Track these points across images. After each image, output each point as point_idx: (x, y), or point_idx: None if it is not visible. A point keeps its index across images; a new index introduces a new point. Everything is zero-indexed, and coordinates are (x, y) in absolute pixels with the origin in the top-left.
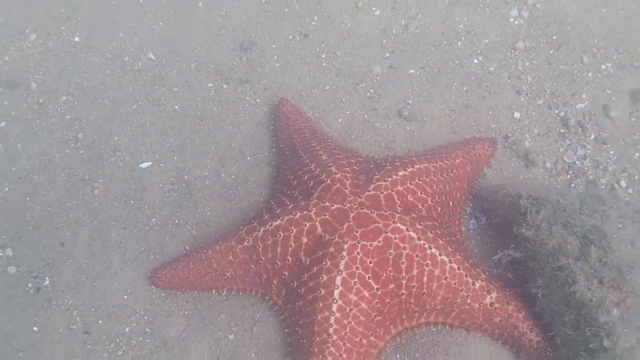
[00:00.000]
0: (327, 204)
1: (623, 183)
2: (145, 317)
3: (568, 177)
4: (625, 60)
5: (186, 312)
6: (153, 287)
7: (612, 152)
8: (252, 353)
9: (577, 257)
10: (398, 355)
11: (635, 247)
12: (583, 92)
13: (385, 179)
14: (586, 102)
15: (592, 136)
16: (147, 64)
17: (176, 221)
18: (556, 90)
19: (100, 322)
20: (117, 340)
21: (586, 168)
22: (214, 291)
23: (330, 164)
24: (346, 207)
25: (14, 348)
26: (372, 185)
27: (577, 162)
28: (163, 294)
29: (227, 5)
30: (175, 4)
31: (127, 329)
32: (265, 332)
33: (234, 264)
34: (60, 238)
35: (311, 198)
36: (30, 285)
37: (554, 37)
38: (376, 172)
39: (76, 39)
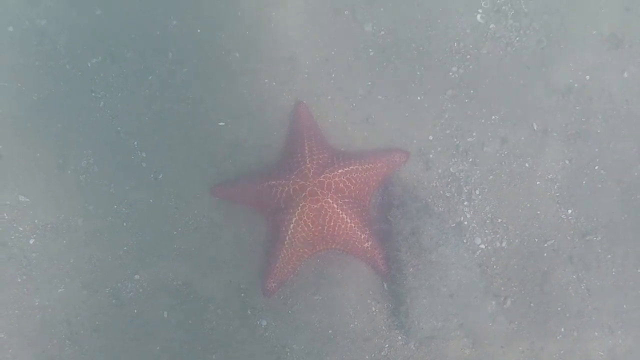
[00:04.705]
0: (298, 180)
1: (477, 192)
2: (206, 209)
3: (448, 180)
4: (507, 115)
5: (225, 211)
6: (212, 196)
7: (478, 172)
8: (253, 237)
9: (405, 238)
10: (313, 269)
11: (432, 240)
12: (474, 131)
13: (329, 173)
14: (474, 138)
15: (470, 160)
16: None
17: (230, 161)
18: (460, 127)
19: (184, 204)
20: (192, 217)
21: (460, 178)
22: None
23: (307, 158)
24: (307, 184)
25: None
26: (322, 176)
27: (456, 173)
28: (216, 200)
29: None
30: None
31: (195, 211)
32: (260, 231)
33: (251, 195)
34: (179, 158)
35: (293, 174)
36: (152, 175)
37: (472, 91)
38: (327, 169)
39: None
